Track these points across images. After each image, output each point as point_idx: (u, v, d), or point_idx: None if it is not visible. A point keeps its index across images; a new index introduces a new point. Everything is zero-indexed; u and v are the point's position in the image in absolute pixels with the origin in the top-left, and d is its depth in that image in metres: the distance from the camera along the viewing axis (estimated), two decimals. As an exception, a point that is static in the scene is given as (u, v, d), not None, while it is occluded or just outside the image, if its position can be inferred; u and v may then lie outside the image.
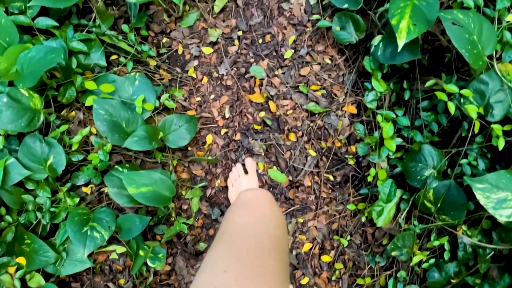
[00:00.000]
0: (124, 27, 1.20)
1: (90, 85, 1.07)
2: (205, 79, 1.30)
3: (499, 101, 1.00)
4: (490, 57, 1.01)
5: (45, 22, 1.11)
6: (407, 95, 1.18)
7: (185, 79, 1.30)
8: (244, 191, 0.78)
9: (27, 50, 1.05)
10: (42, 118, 1.03)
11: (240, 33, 1.32)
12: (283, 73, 1.31)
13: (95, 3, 1.22)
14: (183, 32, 1.31)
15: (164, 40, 1.31)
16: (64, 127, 1.10)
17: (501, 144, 0.98)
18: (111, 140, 1.07)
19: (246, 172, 1.25)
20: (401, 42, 0.99)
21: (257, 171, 1.27)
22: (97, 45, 1.18)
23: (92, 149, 1.18)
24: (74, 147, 1.10)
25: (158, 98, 1.19)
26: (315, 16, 1.31)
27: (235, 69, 1.30)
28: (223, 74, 1.30)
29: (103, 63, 1.18)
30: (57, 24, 1.12)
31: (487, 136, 1.06)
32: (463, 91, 0.99)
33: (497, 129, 0.99)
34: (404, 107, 1.22)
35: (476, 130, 1.00)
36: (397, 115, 1.17)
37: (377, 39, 1.17)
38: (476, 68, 0.96)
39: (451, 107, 1.00)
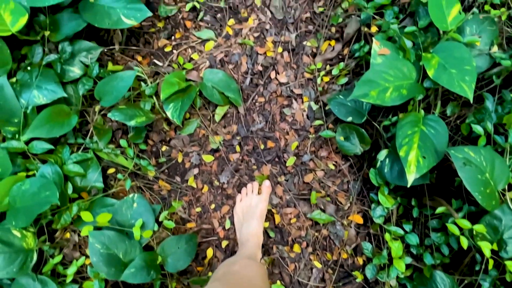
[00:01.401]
0: (123, 142, 1.17)
1: (86, 216, 1.02)
2: (206, 188, 1.26)
3: (513, 237, 0.96)
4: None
5: (40, 146, 1.08)
6: (415, 213, 1.14)
7: (185, 189, 1.25)
8: (242, 260, 0.82)
9: (21, 182, 1.01)
10: (35, 258, 0.98)
11: (241, 139, 1.28)
12: (286, 181, 1.27)
13: (92, 117, 1.18)
14: (183, 140, 1.27)
15: (164, 148, 1.27)
16: (58, 258, 1.05)
17: (517, 283, 0.94)
18: (107, 275, 1.01)
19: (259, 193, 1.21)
20: (410, 177, 0.96)
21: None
22: (94, 164, 1.14)
23: (87, 275, 1.12)
24: (68, 279, 1.05)
25: (157, 217, 1.14)
26: (317, 122, 1.28)
27: (236, 176, 1.26)
28: (224, 182, 1.26)
29: (100, 185, 1.13)
30: (53, 148, 1.09)
31: (500, 269, 1.01)
32: (476, 227, 0.95)
33: (511, 266, 0.95)
34: (412, 221, 1.17)
35: (490, 267, 0.96)
36: (405, 231, 1.13)
37: (383, 154, 1.13)
38: (490, 210, 0.93)
39: (464, 242, 0.96)
